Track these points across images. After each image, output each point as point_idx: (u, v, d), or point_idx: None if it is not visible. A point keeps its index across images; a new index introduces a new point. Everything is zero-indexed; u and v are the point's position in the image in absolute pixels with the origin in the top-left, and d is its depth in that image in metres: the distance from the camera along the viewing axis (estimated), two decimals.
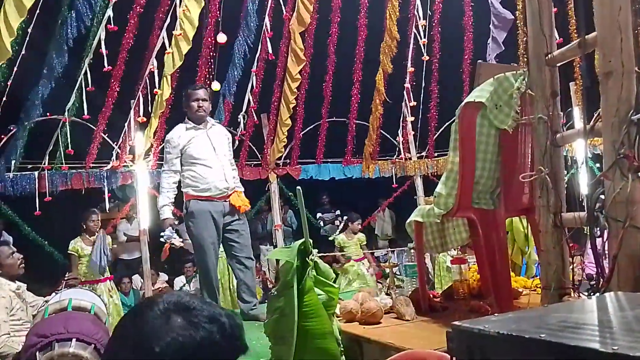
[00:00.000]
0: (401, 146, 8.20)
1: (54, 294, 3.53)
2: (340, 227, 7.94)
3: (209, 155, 4.00)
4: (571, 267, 2.45)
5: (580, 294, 2.45)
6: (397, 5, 7.04)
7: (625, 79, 2.03)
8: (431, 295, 3.29)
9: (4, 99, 5.35)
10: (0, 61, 4.76)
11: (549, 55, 2.46)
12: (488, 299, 2.90)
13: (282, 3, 6.68)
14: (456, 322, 1.22)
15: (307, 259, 2.30)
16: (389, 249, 5.52)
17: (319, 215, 9.51)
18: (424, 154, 8.35)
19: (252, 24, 6.43)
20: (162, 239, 4.10)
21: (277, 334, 2.20)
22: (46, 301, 3.42)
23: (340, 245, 7.12)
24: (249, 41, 6.49)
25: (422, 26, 7.43)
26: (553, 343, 0.97)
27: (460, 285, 3.28)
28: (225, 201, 3.99)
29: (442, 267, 6.88)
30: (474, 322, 1.20)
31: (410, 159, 8.23)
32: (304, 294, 2.16)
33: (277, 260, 2.33)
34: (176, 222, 4.33)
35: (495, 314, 1.29)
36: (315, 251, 2.39)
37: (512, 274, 3.56)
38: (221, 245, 4.08)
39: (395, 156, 8.29)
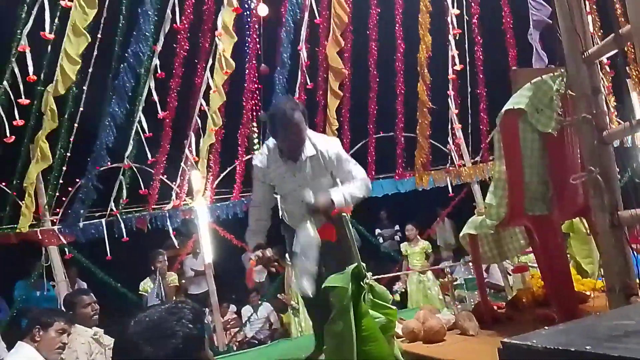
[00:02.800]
0: (453, 154, 8.08)
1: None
2: (397, 239, 7.90)
3: None
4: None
5: None
6: (429, 11, 7.03)
7: None
8: (495, 307, 3.23)
9: (68, 154, 5.71)
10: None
11: (585, 53, 2.42)
12: (554, 306, 2.82)
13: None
14: (505, 340, 1.23)
15: (361, 282, 2.34)
16: (449, 264, 5.42)
17: (377, 231, 9.49)
18: (478, 158, 8.20)
19: (288, 53, 6.56)
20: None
21: None
22: None
23: (405, 254, 7.05)
24: (286, 69, 6.62)
25: (453, 35, 7.39)
26: (596, 355, 0.97)
27: (524, 294, 3.21)
28: None
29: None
30: (523, 338, 1.20)
31: (464, 165, 8.09)
32: (361, 318, 2.19)
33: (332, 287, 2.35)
34: None
35: (546, 327, 1.28)
36: (369, 274, 2.42)
37: (578, 276, 3.46)
38: None
39: (448, 164, 8.18)
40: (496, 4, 7.36)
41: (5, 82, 5.01)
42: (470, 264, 3.23)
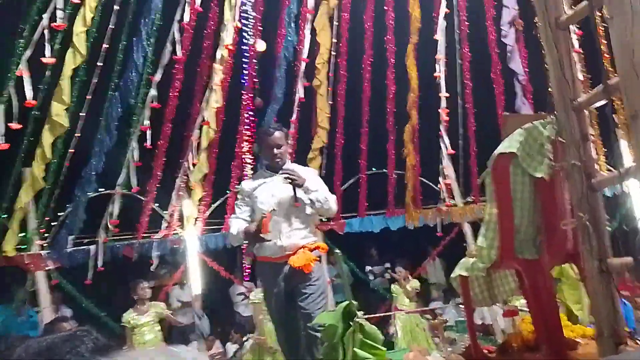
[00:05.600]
0: (444, 193, 8.13)
1: None
2: (387, 277, 7.83)
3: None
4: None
5: (638, 341, 2.36)
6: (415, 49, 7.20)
7: None
8: (485, 351, 3.21)
9: (61, 177, 5.71)
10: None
11: (575, 102, 2.48)
12: (544, 352, 2.81)
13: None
14: None
15: (351, 321, 2.33)
16: (440, 305, 5.37)
17: (368, 268, 9.43)
18: (469, 199, 8.24)
19: (281, 91, 6.65)
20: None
21: None
22: None
23: (395, 295, 7.00)
24: (279, 104, 6.70)
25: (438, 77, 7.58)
26: None
27: (514, 338, 3.19)
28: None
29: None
30: None
31: (455, 205, 8.12)
32: (347, 357, 2.17)
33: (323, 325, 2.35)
34: None
35: None
36: (360, 313, 2.41)
37: (568, 322, 3.45)
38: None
39: (439, 203, 8.21)
40: (484, 49, 7.56)
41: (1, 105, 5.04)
42: (461, 305, 3.21)
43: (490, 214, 2.69)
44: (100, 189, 6.24)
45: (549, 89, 2.73)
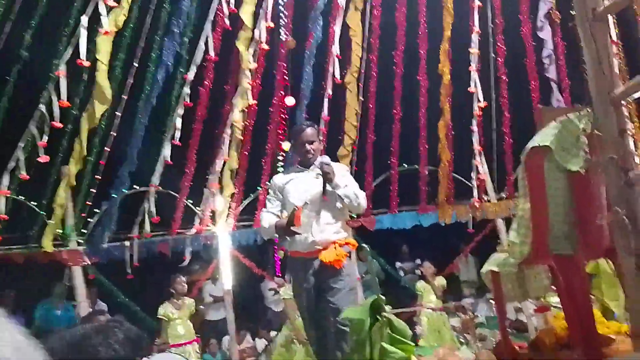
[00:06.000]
0: (476, 189, 8.01)
1: (145, 359, 3.71)
2: (418, 273, 7.78)
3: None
4: None
5: None
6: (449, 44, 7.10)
7: None
8: (517, 347, 3.16)
9: (99, 175, 5.86)
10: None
11: (612, 93, 2.42)
12: (577, 349, 2.75)
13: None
14: None
15: (379, 316, 2.32)
16: (470, 300, 5.30)
17: (398, 265, 9.38)
18: (503, 195, 8.11)
19: (309, 86, 6.64)
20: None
21: None
22: None
23: (420, 292, 6.96)
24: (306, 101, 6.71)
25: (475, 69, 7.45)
26: None
27: (547, 334, 3.13)
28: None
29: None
30: None
31: (489, 201, 8.00)
32: (375, 352, 2.17)
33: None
34: None
35: None
36: (388, 307, 2.41)
37: (603, 319, 3.37)
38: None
39: (472, 200, 8.09)
40: (519, 41, 7.41)
41: (42, 105, 5.20)
42: (492, 301, 3.17)
43: (523, 209, 2.65)
44: (134, 187, 6.39)
45: (587, 82, 2.66)
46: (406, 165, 7.75)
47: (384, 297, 2.38)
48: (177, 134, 6.11)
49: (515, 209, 2.79)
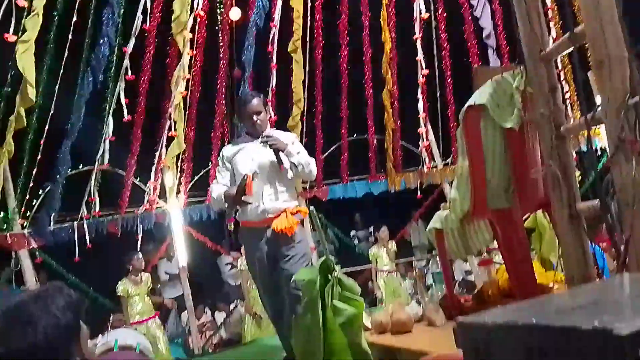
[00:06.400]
0: (424, 156, 8.20)
1: (100, 336, 3.67)
2: (372, 241, 7.98)
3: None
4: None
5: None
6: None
7: (616, 66, 2.07)
8: (462, 300, 3.31)
9: (39, 156, 5.65)
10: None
11: (543, 52, 2.52)
12: (518, 298, 2.90)
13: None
14: (460, 319, 1.28)
15: (329, 275, 2.38)
16: (416, 258, 5.49)
17: (352, 233, 9.56)
18: (449, 160, 8.34)
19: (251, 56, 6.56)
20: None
21: (306, 352, 2.27)
22: (94, 344, 3.56)
23: (374, 258, 7.15)
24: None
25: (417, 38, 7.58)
26: (542, 326, 1.03)
27: (490, 286, 3.29)
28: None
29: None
30: (477, 316, 1.26)
31: (436, 167, 8.22)
32: (328, 310, 2.24)
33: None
34: None
35: (499, 306, 1.34)
36: (338, 267, 2.47)
37: (542, 269, 3.56)
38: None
39: (420, 166, 8.29)
40: (457, 9, 7.56)
41: None
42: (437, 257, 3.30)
43: (462, 167, 2.75)
44: (79, 166, 6.22)
45: (520, 42, 2.75)
46: (356, 135, 7.84)
47: (333, 258, 2.44)
48: (125, 110, 5.93)
49: (456, 168, 2.89)
